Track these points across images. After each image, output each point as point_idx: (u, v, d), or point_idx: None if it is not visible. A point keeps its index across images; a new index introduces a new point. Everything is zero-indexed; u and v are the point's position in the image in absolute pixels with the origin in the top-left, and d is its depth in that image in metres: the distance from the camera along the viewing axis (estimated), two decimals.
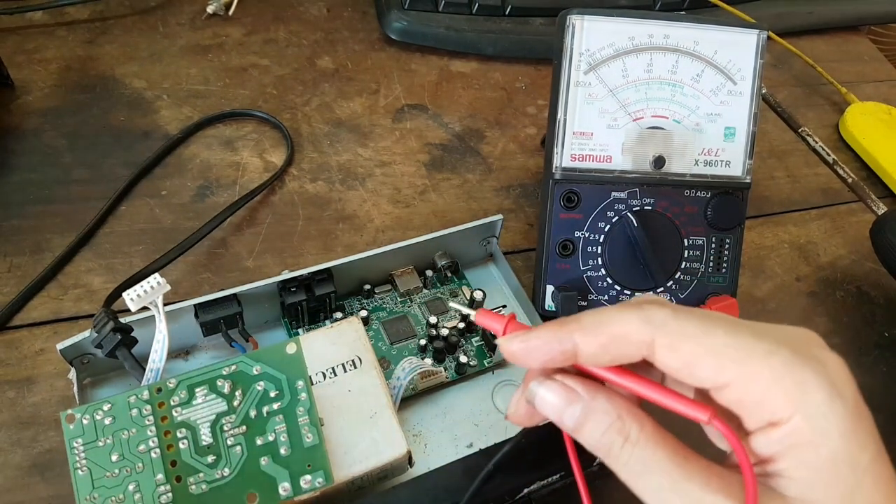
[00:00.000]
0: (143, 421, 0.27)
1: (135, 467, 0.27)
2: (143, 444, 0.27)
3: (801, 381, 0.21)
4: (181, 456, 0.27)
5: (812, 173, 0.57)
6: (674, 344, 0.22)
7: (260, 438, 0.28)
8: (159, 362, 0.30)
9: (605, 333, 0.22)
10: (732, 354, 0.21)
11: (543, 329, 0.23)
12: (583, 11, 0.38)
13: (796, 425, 0.21)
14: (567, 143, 0.39)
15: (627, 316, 0.22)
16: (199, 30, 0.54)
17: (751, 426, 0.22)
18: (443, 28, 0.56)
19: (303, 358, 0.29)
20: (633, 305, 0.23)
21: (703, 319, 0.22)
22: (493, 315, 0.26)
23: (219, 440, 0.27)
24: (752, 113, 0.40)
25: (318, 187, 0.46)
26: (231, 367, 0.29)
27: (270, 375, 0.29)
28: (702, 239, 0.40)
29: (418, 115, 0.52)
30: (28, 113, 0.46)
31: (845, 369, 0.22)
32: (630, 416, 0.23)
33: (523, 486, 0.30)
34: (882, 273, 0.48)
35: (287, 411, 0.28)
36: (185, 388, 0.28)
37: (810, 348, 0.22)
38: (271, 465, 0.27)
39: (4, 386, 0.34)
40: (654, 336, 0.22)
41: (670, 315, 0.22)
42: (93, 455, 0.27)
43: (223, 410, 0.28)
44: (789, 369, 0.21)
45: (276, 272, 0.40)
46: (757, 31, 0.39)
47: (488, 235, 0.41)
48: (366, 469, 0.30)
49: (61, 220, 0.41)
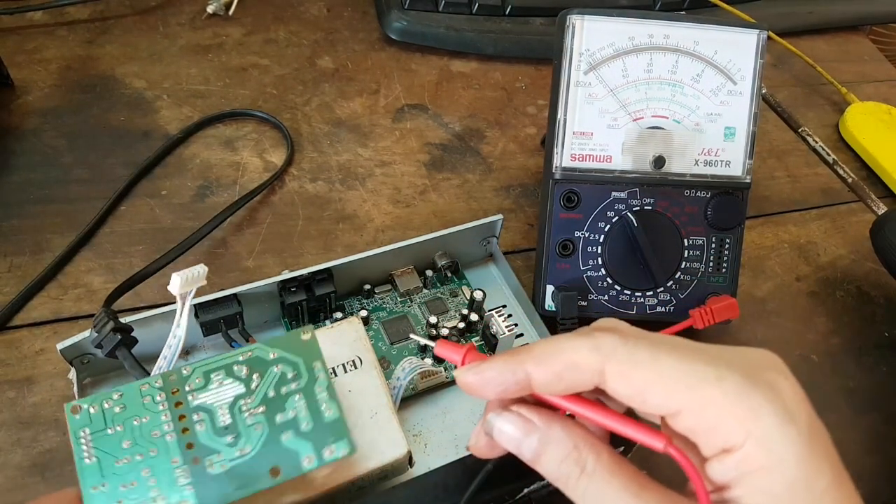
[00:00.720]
0: (156, 407, 0.27)
1: (148, 452, 0.26)
2: (156, 430, 0.26)
3: (753, 407, 0.20)
4: (198, 438, 0.27)
5: (812, 173, 0.57)
6: (624, 371, 0.22)
7: (280, 416, 0.27)
8: (172, 356, 0.30)
9: (557, 362, 0.23)
10: (683, 380, 0.21)
11: (497, 360, 0.24)
12: (583, 11, 0.38)
13: (749, 451, 0.20)
14: (567, 142, 0.39)
15: (578, 344, 0.22)
16: (199, 30, 0.54)
17: (706, 453, 0.22)
18: (443, 28, 0.56)
19: (317, 343, 0.29)
20: (585, 333, 0.23)
21: (653, 345, 0.22)
22: (453, 346, 0.27)
23: (237, 420, 0.27)
24: (752, 113, 0.40)
25: (318, 187, 0.46)
26: (247, 354, 0.28)
27: (287, 359, 0.28)
28: (702, 239, 0.40)
29: (418, 115, 0.52)
30: (28, 113, 0.46)
31: (800, 393, 0.22)
32: (586, 446, 0.23)
33: (523, 486, 0.30)
34: (882, 273, 0.48)
35: (306, 390, 0.28)
36: (201, 375, 0.28)
37: (764, 372, 0.22)
38: (293, 440, 0.27)
39: (4, 386, 0.34)
40: (604, 364, 0.22)
41: (619, 342, 0.22)
42: (101, 443, 0.26)
43: (241, 393, 0.28)
44: (740, 395, 0.21)
45: (276, 272, 0.40)
46: (757, 31, 0.39)
47: (488, 235, 0.41)
48: (366, 469, 0.30)
49: (61, 220, 0.41)
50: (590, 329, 0.23)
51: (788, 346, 0.44)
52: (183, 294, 0.30)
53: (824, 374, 0.44)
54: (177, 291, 0.29)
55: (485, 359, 0.25)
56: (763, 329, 0.45)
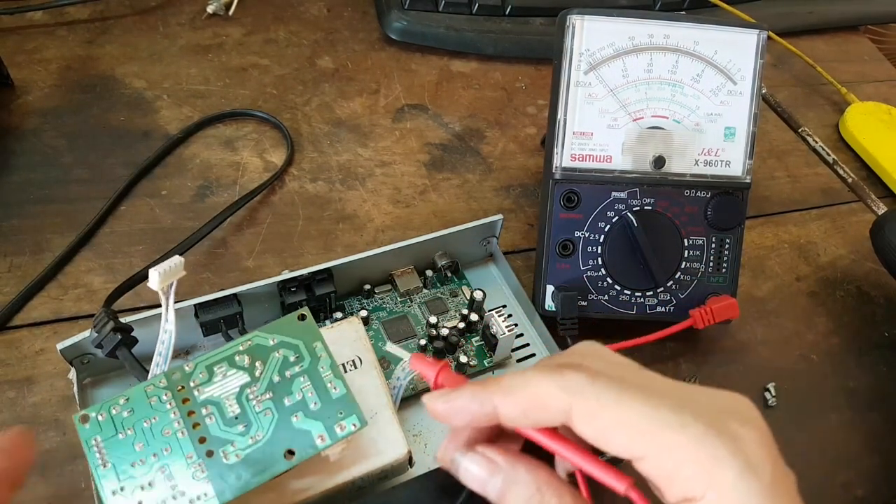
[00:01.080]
0: (163, 407, 0.27)
1: (161, 451, 0.26)
2: (167, 428, 0.27)
3: (714, 457, 0.20)
4: (209, 431, 0.27)
5: (812, 173, 0.57)
6: (590, 412, 0.22)
7: (288, 399, 0.28)
8: (167, 351, 0.30)
9: (524, 399, 0.23)
10: (646, 426, 0.21)
11: (466, 390, 0.24)
12: (583, 11, 0.38)
13: (710, 502, 0.20)
14: (567, 142, 0.39)
15: (546, 382, 0.22)
16: (199, 30, 0.54)
17: (668, 500, 0.22)
18: (443, 28, 0.56)
19: (314, 323, 0.29)
20: (555, 370, 0.23)
21: (620, 389, 0.22)
22: (427, 363, 0.27)
23: (246, 409, 0.27)
24: (752, 113, 0.40)
25: (318, 187, 0.46)
26: (246, 343, 0.28)
27: (287, 343, 0.29)
28: (702, 239, 0.40)
29: (418, 115, 0.52)
30: (28, 113, 0.46)
31: (766, 443, 0.21)
32: (549, 489, 0.23)
33: None
34: (882, 273, 0.48)
35: (310, 371, 0.28)
36: (204, 369, 0.28)
37: (729, 421, 0.21)
38: (304, 420, 0.27)
39: (4, 386, 0.34)
40: (570, 403, 0.22)
41: (587, 382, 0.22)
42: (114, 449, 0.26)
43: (246, 382, 0.28)
44: (702, 444, 0.20)
45: (276, 272, 0.40)
46: (757, 31, 0.39)
47: (488, 235, 0.41)
48: (366, 469, 0.30)
49: (61, 220, 0.41)
50: (560, 364, 0.23)
51: (788, 346, 0.44)
52: (164, 288, 0.30)
53: (824, 374, 0.44)
54: (157, 286, 0.29)
55: (458, 382, 0.25)
56: (763, 329, 0.45)
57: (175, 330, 0.30)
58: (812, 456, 0.40)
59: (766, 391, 0.42)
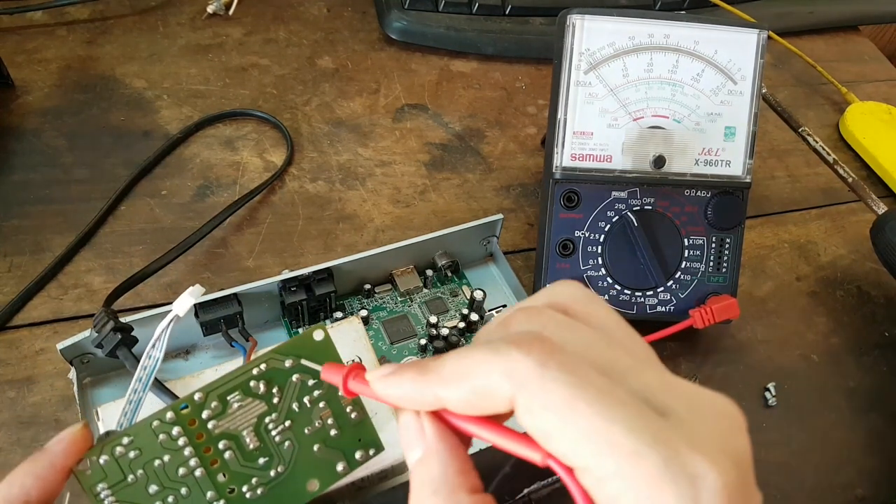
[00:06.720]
0: (174, 444, 0.25)
1: (179, 493, 0.24)
2: (182, 468, 0.24)
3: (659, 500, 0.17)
4: (229, 467, 0.25)
5: (812, 173, 0.57)
6: (532, 410, 0.19)
7: (308, 428, 0.26)
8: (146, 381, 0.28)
9: (466, 387, 0.20)
10: (592, 441, 0.18)
11: (405, 378, 0.21)
12: (583, 11, 0.38)
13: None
14: (567, 142, 0.39)
15: (489, 367, 0.19)
16: (199, 30, 0.54)
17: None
18: (443, 28, 0.56)
19: (332, 342, 0.27)
20: (501, 348, 0.20)
21: (572, 387, 0.18)
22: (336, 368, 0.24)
23: (266, 441, 0.26)
24: (752, 113, 0.40)
25: (318, 187, 0.46)
26: (262, 367, 0.26)
27: (305, 368, 0.27)
28: (702, 239, 0.40)
29: (418, 115, 0.52)
30: (28, 113, 0.46)
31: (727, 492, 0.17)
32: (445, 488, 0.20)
33: (523, 486, 0.30)
34: (882, 273, 0.48)
35: (329, 396, 0.27)
36: (217, 399, 0.25)
37: (692, 457, 0.18)
38: (324, 450, 0.26)
39: (4, 386, 0.34)
40: (514, 394, 0.19)
41: (535, 374, 0.19)
42: (125, 495, 0.24)
43: (264, 411, 0.26)
44: (650, 482, 0.17)
45: (276, 272, 0.40)
46: (757, 30, 0.39)
47: (488, 235, 0.41)
48: (366, 469, 0.30)
49: (61, 220, 0.41)
50: (512, 338, 0.20)
51: (788, 346, 0.44)
52: (180, 314, 0.28)
53: (824, 374, 0.44)
54: (183, 313, 0.28)
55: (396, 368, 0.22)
56: (763, 329, 0.45)
57: (161, 357, 0.28)
58: (812, 456, 0.40)
59: (766, 391, 0.42)
